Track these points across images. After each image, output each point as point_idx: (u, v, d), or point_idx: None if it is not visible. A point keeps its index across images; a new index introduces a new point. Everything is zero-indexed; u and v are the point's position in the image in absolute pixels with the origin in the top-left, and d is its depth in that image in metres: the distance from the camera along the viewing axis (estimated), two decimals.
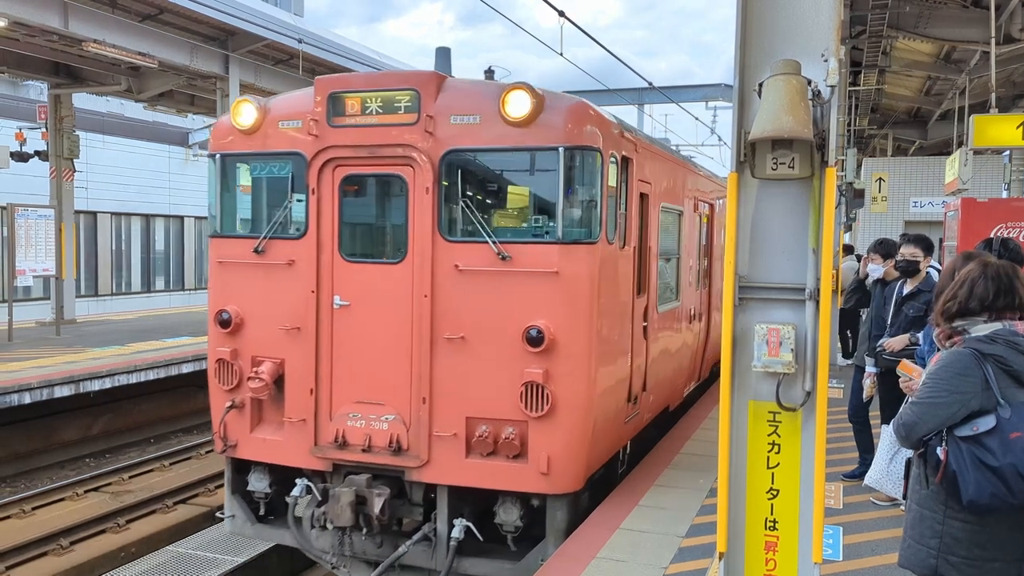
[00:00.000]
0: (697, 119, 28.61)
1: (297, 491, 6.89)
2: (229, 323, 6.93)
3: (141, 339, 16.27)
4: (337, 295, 6.68)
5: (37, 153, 18.20)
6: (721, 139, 33.54)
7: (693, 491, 7.10)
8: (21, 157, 18.07)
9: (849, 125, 18.84)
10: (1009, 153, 15.34)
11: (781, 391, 3.79)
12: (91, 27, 14.44)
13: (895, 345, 6.52)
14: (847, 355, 13.40)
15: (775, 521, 3.89)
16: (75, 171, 18.90)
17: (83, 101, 22.25)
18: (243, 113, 6.87)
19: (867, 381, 7.05)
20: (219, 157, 7.07)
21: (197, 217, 28.55)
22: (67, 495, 10.97)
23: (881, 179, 21.17)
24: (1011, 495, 3.03)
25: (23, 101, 25.46)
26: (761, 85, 3.64)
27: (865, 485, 6.36)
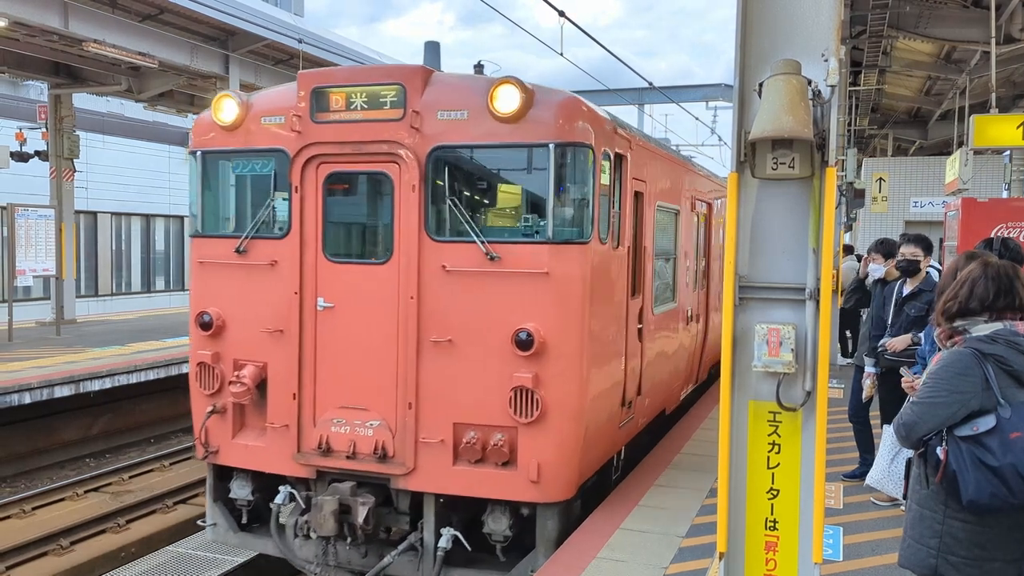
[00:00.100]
0: (697, 119, 28.69)
1: (280, 499, 6.72)
2: (210, 325, 6.76)
3: (141, 339, 16.27)
4: (321, 296, 6.51)
5: (37, 153, 18.19)
6: (721, 139, 33.57)
7: (693, 491, 7.09)
8: (21, 157, 18.07)
9: (849, 125, 18.83)
10: (1009, 153, 15.32)
11: (781, 391, 3.79)
12: (91, 27, 14.44)
13: (897, 345, 6.52)
14: (846, 355, 13.40)
15: (775, 521, 3.89)
16: (75, 171, 18.90)
17: (83, 101, 22.23)
18: (224, 108, 6.68)
19: (867, 381, 7.05)
20: (200, 154, 6.89)
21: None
22: (67, 495, 10.96)
23: (881, 179, 21.17)
24: (1011, 495, 3.03)
25: (23, 101, 25.45)
26: (761, 85, 3.64)
27: (866, 485, 6.36)
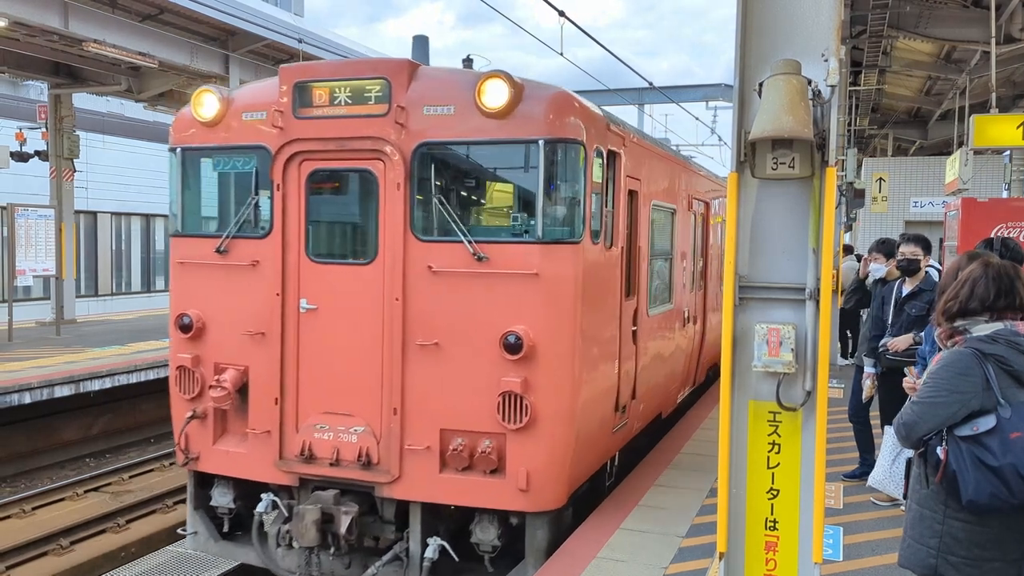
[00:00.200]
0: (697, 119, 28.68)
1: (262, 507, 6.51)
2: (190, 328, 6.59)
3: (141, 339, 16.26)
4: (303, 298, 6.33)
5: (37, 153, 18.19)
6: (721, 139, 33.56)
7: (693, 491, 7.09)
8: (21, 157, 18.06)
9: (849, 125, 18.83)
10: (1009, 153, 15.33)
11: (781, 391, 3.79)
12: (91, 27, 14.43)
13: (899, 345, 6.52)
14: (845, 355, 13.41)
15: (775, 521, 3.89)
16: (75, 171, 18.90)
17: (83, 101, 22.22)
18: (204, 104, 6.50)
19: (867, 382, 7.05)
20: (180, 151, 6.72)
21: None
22: (67, 495, 10.95)
23: (881, 179, 21.17)
24: (1011, 495, 3.03)
25: (23, 101, 25.47)
26: (761, 85, 3.64)
27: (868, 486, 6.36)
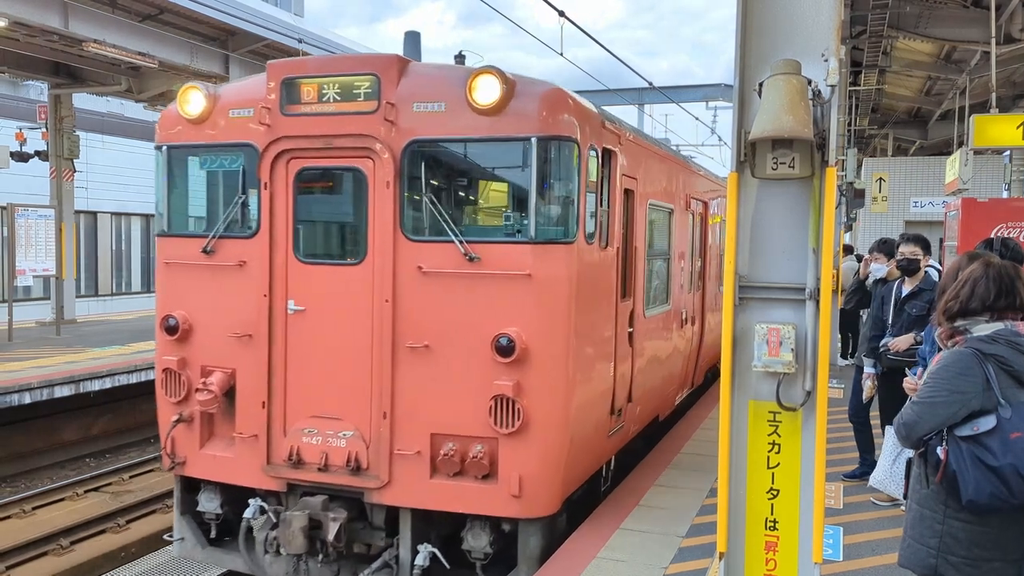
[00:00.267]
0: (697, 119, 28.69)
1: (249, 512, 6.37)
2: (176, 329, 6.46)
3: (141, 339, 16.25)
4: (291, 299, 6.21)
5: (37, 153, 18.20)
6: (721, 139, 33.59)
7: (693, 491, 7.09)
8: (21, 157, 18.07)
9: (849, 125, 18.83)
10: (1009, 153, 15.34)
11: (781, 391, 3.80)
12: (91, 27, 14.44)
13: (900, 345, 6.52)
14: (845, 355, 13.41)
15: (775, 521, 3.89)
16: (75, 171, 18.90)
17: (83, 101, 22.22)
18: (190, 101, 6.37)
19: (867, 382, 7.05)
20: (166, 149, 6.59)
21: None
22: (67, 495, 10.95)
23: (881, 179, 21.17)
24: (1011, 495, 3.03)
25: (23, 101, 25.47)
26: (761, 85, 3.64)
27: (868, 486, 6.36)
